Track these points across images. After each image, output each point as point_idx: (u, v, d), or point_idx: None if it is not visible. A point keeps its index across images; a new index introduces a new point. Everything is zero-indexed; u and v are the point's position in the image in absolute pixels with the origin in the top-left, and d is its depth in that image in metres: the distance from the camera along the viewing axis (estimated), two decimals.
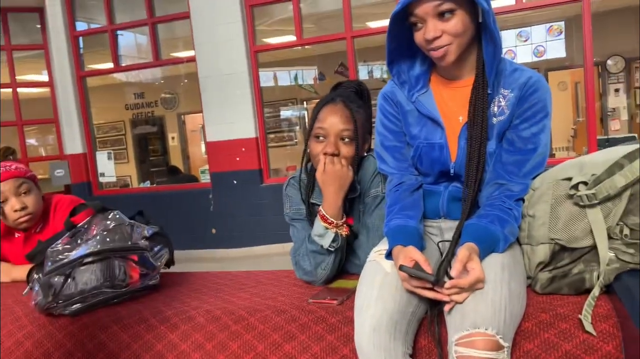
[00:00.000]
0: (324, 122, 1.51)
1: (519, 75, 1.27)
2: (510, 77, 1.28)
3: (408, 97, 1.36)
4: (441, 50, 1.20)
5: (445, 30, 1.18)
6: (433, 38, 1.19)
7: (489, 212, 1.21)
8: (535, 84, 1.26)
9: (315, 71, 7.87)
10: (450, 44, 1.19)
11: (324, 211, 1.48)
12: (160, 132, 9.44)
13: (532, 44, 6.58)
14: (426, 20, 1.19)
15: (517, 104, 1.26)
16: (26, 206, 1.85)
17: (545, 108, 1.26)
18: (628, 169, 1.07)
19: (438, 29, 1.18)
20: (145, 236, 1.62)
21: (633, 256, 1.10)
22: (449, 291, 1.08)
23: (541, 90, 1.26)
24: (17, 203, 1.83)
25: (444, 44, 1.19)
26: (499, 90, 1.28)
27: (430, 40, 1.20)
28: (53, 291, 1.44)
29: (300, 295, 1.46)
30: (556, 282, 1.20)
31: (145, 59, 6.86)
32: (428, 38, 1.19)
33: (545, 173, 1.24)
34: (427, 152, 1.34)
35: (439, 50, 1.21)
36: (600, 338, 1.06)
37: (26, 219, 1.86)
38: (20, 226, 1.88)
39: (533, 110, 1.25)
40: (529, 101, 1.25)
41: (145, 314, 1.45)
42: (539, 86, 1.26)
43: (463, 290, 1.08)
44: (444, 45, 1.20)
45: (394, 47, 1.33)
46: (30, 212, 1.86)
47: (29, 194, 1.86)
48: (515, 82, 1.27)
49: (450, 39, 1.19)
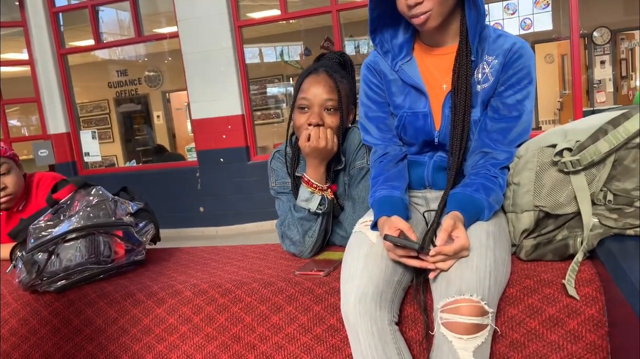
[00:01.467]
0: (307, 93, 1.49)
1: (503, 42, 1.26)
2: (494, 43, 1.26)
3: (391, 66, 1.34)
4: (423, 16, 1.19)
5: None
6: (414, 3, 1.17)
7: (474, 181, 1.21)
8: (520, 50, 1.24)
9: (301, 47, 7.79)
10: (432, 9, 1.18)
11: (308, 176, 1.48)
12: (145, 111, 9.33)
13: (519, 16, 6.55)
14: None
15: (501, 70, 1.25)
16: (6, 186, 1.82)
17: (529, 74, 1.25)
18: (612, 134, 1.07)
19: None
20: (129, 212, 1.60)
21: (616, 221, 1.10)
22: (433, 259, 1.08)
23: (525, 56, 1.25)
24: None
25: (425, 10, 1.18)
26: (483, 57, 1.26)
27: (411, 6, 1.18)
28: (37, 268, 1.42)
29: (286, 267, 1.46)
30: (540, 249, 1.20)
31: (127, 36, 6.73)
32: (410, 4, 1.18)
33: (529, 141, 1.23)
34: (411, 121, 1.33)
35: (420, 16, 1.19)
36: (584, 302, 1.07)
37: (6, 199, 1.83)
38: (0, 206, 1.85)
39: (517, 77, 1.25)
40: (513, 67, 1.24)
41: (132, 289, 1.45)
42: (523, 52, 1.25)
43: (448, 257, 1.08)
44: (426, 11, 1.18)
45: (376, 16, 1.31)
46: (10, 192, 1.83)
47: (8, 174, 1.83)
48: (500, 49, 1.25)
49: (432, 4, 1.17)
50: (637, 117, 1.06)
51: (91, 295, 1.46)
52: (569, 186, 1.13)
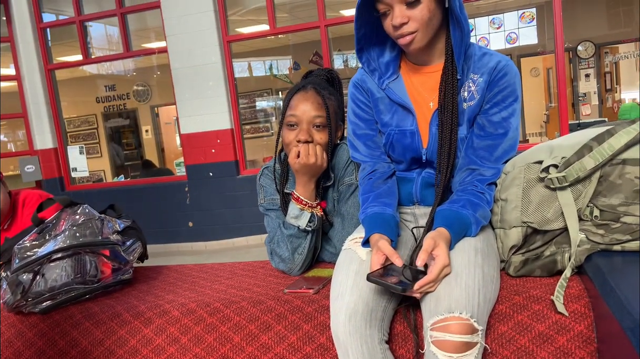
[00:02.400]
0: (295, 110, 1.49)
1: (488, 60, 1.27)
2: (479, 62, 1.28)
3: (378, 84, 1.35)
4: (408, 37, 1.20)
5: (411, 17, 1.18)
6: (400, 24, 1.19)
7: (461, 197, 1.21)
8: (505, 68, 1.26)
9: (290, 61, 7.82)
10: (417, 30, 1.19)
11: (298, 193, 1.47)
12: (133, 125, 9.29)
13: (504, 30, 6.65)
14: (393, 6, 1.19)
15: (486, 88, 1.26)
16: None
17: (514, 92, 1.26)
18: (597, 151, 1.08)
19: (405, 15, 1.18)
20: (116, 230, 1.59)
21: (603, 237, 1.11)
22: (420, 290, 1.07)
23: (510, 74, 1.26)
24: None
25: (411, 30, 1.19)
26: (469, 75, 1.28)
27: (397, 27, 1.20)
28: (22, 288, 1.40)
29: (275, 285, 1.45)
30: (529, 264, 1.21)
31: (115, 51, 6.72)
32: (395, 24, 1.19)
33: (516, 157, 1.24)
34: (399, 139, 1.34)
35: (406, 37, 1.20)
36: (573, 318, 1.07)
37: None
38: None
39: (503, 94, 1.26)
40: (499, 85, 1.26)
41: (118, 309, 1.43)
42: (508, 70, 1.26)
43: (434, 282, 1.08)
44: (412, 31, 1.19)
45: (363, 35, 1.32)
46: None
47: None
48: (485, 67, 1.27)
49: (417, 25, 1.19)
50: (621, 133, 1.07)
51: (77, 316, 1.44)
52: (555, 202, 1.13)
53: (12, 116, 7.10)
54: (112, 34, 6.81)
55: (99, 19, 6.57)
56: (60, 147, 6.68)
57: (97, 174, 7.96)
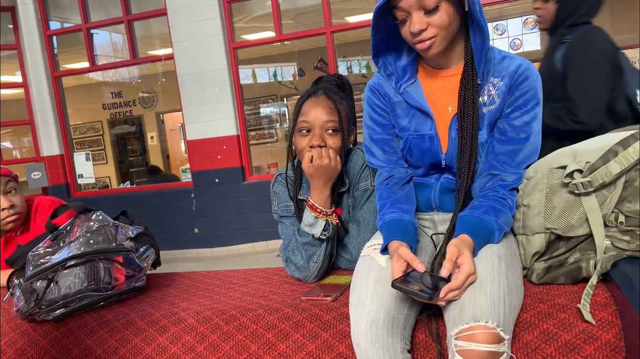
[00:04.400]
0: (307, 116, 1.48)
1: (509, 63, 1.26)
2: (499, 65, 1.26)
3: (396, 88, 1.34)
4: (427, 42, 1.19)
5: (430, 23, 1.16)
6: (419, 31, 1.17)
7: (483, 203, 1.19)
8: (526, 71, 1.24)
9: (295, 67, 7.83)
10: (436, 35, 1.18)
11: (313, 200, 1.46)
12: (139, 132, 9.30)
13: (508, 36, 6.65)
14: (410, 13, 1.17)
15: (507, 92, 1.25)
16: (14, 204, 1.79)
17: (536, 96, 1.25)
18: (622, 155, 1.06)
19: (423, 21, 1.16)
20: (130, 237, 1.57)
21: (629, 243, 1.09)
22: (445, 298, 1.05)
23: (532, 77, 1.24)
24: (5, 202, 1.78)
25: (430, 36, 1.18)
26: (488, 78, 1.26)
27: (415, 34, 1.18)
28: (35, 296, 1.39)
29: (292, 293, 1.43)
30: (552, 271, 1.19)
31: (121, 58, 6.74)
32: (413, 31, 1.17)
33: (538, 162, 1.22)
34: (417, 144, 1.32)
35: (424, 42, 1.19)
36: (600, 327, 1.05)
37: (14, 218, 1.80)
38: (7, 226, 1.82)
39: (524, 98, 1.24)
40: (520, 89, 1.24)
41: (133, 316, 1.41)
42: (529, 74, 1.24)
43: (459, 290, 1.05)
44: (431, 37, 1.18)
45: (379, 40, 1.30)
46: (18, 211, 1.81)
47: (16, 193, 1.81)
48: (505, 70, 1.25)
49: (436, 31, 1.17)
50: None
51: (91, 324, 1.42)
52: (580, 208, 1.11)
53: (19, 123, 7.12)
54: (118, 41, 6.83)
55: (105, 27, 6.59)
56: (67, 154, 6.68)
57: (103, 181, 7.96)
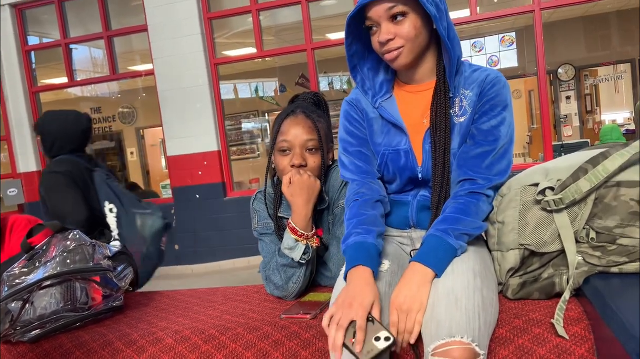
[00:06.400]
0: (287, 135, 1.50)
1: (478, 75, 1.30)
2: (469, 77, 1.30)
3: (372, 103, 1.36)
4: (394, 52, 1.23)
5: (397, 33, 1.21)
6: (386, 40, 1.22)
7: (446, 216, 1.20)
8: (494, 79, 1.28)
9: (276, 83, 7.87)
10: (403, 46, 1.22)
11: (293, 223, 1.46)
12: (118, 147, 9.22)
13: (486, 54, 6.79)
14: (380, 23, 1.22)
15: (477, 100, 1.28)
16: None
17: (504, 101, 1.28)
18: (592, 173, 1.09)
19: (391, 31, 1.21)
20: (107, 256, 1.56)
21: (600, 259, 1.12)
22: None
23: (499, 85, 1.28)
24: None
25: (397, 46, 1.22)
26: (459, 90, 1.30)
27: (383, 43, 1.22)
28: (10, 317, 1.36)
29: (271, 311, 1.43)
30: (527, 287, 1.21)
31: (101, 73, 6.70)
32: (381, 40, 1.22)
33: (511, 179, 1.25)
34: (393, 159, 1.33)
35: (392, 52, 1.23)
36: (573, 341, 1.07)
37: None
38: None
39: (491, 103, 1.27)
40: (488, 95, 1.27)
41: (110, 337, 1.39)
42: (497, 81, 1.28)
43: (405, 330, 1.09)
44: (397, 47, 1.22)
45: (355, 52, 1.34)
46: None
47: None
48: (475, 81, 1.29)
49: (402, 41, 1.22)
50: (615, 156, 1.09)
51: (67, 345, 1.40)
52: (552, 224, 1.14)
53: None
54: (98, 57, 6.80)
55: (85, 42, 6.56)
56: None
57: None
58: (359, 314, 1.06)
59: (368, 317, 1.06)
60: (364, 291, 1.10)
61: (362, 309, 1.06)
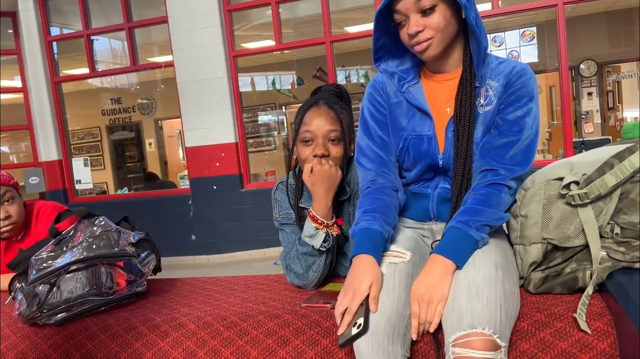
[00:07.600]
0: (310, 125, 1.51)
1: (505, 67, 1.30)
2: (496, 69, 1.30)
3: (398, 87, 1.37)
4: (424, 44, 1.23)
5: (427, 25, 1.21)
6: (415, 32, 1.22)
7: (467, 207, 1.20)
8: (520, 71, 1.28)
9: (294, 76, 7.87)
10: (433, 37, 1.22)
11: (314, 211, 1.47)
12: (137, 138, 9.31)
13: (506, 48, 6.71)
14: (409, 16, 1.22)
15: (503, 91, 1.28)
16: (10, 215, 1.80)
17: (530, 92, 1.27)
18: (618, 168, 1.09)
19: (420, 23, 1.21)
20: (131, 242, 1.59)
21: (624, 254, 1.11)
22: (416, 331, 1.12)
23: (526, 76, 1.28)
24: (2, 212, 1.78)
25: (426, 38, 1.22)
26: (485, 81, 1.30)
27: (412, 35, 1.23)
28: (38, 300, 1.40)
29: (292, 299, 1.44)
30: (549, 281, 1.21)
31: (121, 64, 6.77)
32: (411, 33, 1.22)
33: (535, 173, 1.24)
34: (416, 144, 1.33)
35: (422, 43, 1.23)
36: (595, 336, 1.07)
37: (9, 228, 1.81)
38: (1, 235, 1.82)
39: (517, 94, 1.27)
40: (514, 86, 1.27)
41: (134, 321, 1.42)
42: (524, 73, 1.28)
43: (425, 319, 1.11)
44: (427, 39, 1.22)
45: (382, 45, 1.34)
46: (13, 221, 1.81)
47: (12, 202, 1.81)
48: (501, 73, 1.29)
49: (432, 32, 1.22)
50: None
51: (92, 328, 1.44)
52: (576, 219, 1.14)
53: (17, 128, 7.14)
54: (118, 48, 6.87)
55: (105, 33, 6.63)
56: (65, 159, 6.70)
57: (100, 187, 7.96)
58: (354, 301, 1.12)
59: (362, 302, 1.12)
60: (361, 279, 1.15)
61: (359, 294, 1.13)
